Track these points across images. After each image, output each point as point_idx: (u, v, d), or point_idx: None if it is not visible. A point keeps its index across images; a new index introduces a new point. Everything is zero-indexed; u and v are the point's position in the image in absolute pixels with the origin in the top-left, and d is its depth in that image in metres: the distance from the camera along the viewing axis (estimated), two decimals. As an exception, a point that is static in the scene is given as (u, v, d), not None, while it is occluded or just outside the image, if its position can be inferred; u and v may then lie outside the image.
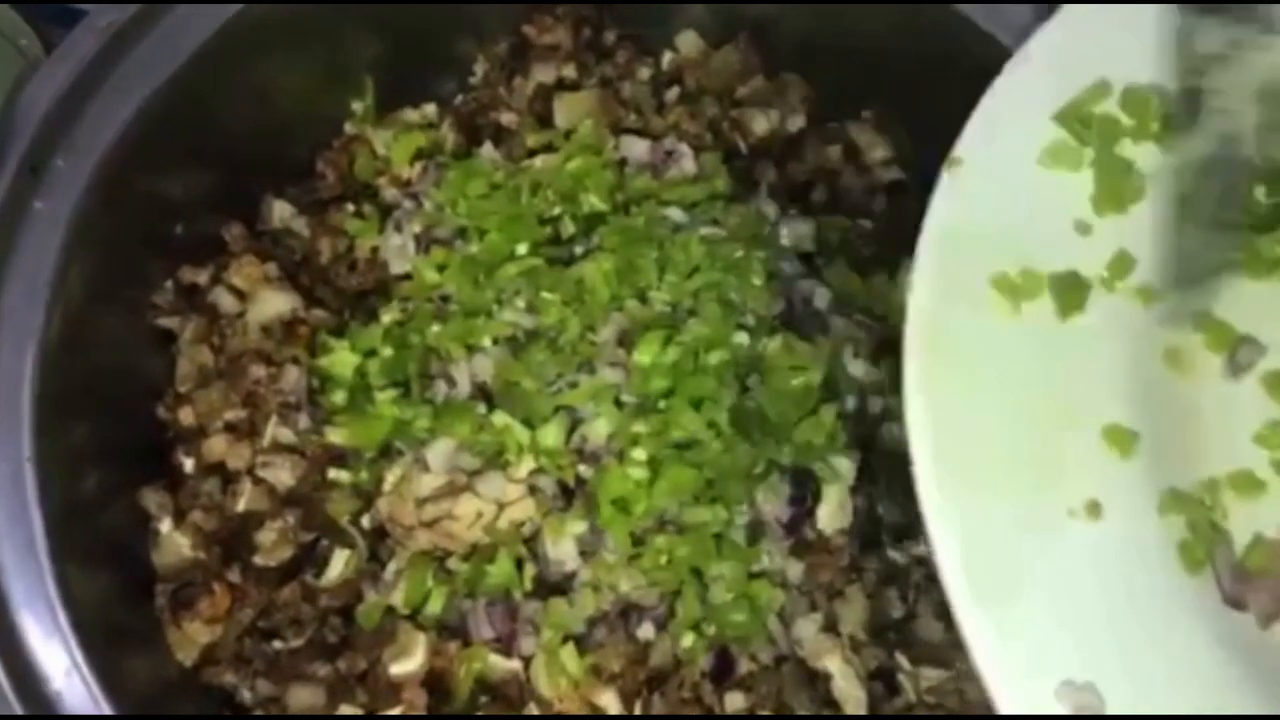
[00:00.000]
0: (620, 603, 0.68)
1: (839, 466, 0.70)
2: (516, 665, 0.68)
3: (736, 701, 0.67)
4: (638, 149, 0.80)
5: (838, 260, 0.78)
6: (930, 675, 0.69)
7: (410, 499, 0.69)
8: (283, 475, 0.72)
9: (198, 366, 0.76)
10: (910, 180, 0.85)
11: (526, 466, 0.68)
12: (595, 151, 0.79)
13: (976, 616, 0.50)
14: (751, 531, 0.68)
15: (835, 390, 0.72)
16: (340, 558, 0.71)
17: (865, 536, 0.72)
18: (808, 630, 0.69)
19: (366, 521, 0.72)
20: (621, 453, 0.67)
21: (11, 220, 0.66)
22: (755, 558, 0.68)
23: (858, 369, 0.74)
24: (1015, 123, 0.58)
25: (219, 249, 0.79)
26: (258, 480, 0.72)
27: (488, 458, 0.69)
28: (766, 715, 0.67)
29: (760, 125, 0.84)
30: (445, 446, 0.69)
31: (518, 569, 0.68)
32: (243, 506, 0.72)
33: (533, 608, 0.68)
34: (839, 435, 0.71)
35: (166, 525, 0.71)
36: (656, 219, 0.75)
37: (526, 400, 0.69)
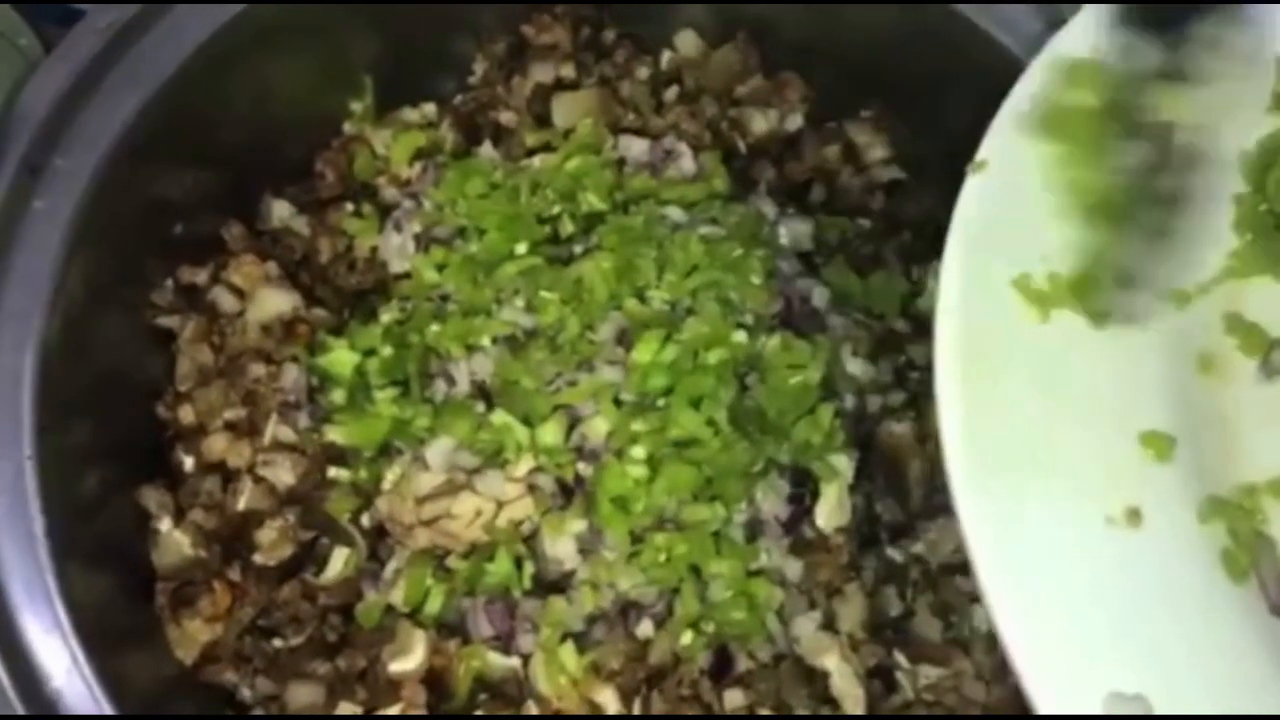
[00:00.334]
0: (619, 601, 0.68)
1: (837, 465, 0.70)
2: (516, 663, 0.68)
3: (735, 699, 0.67)
4: (636, 148, 0.80)
5: (836, 259, 0.78)
6: (928, 673, 0.69)
7: (410, 497, 0.69)
8: (282, 474, 0.72)
9: (198, 365, 0.76)
10: (909, 180, 0.85)
11: (526, 465, 0.69)
12: (594, 151, 0.79)
13: (1018, 625, 0.49)
14: (750, 530, 0.69)
15: (834, 389, 0.72)
16: (340, 556, 0.71)
17: (864, 535, 0.72)
18: (806, 628, 0.69)
19: (366, 520, 0.72)
20: (620, 451, 0.68)
21: (11, 220, 0.66)
22: (754, 556, 0.68)
23: (856, 368, 0.74)
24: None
25: (219, 248, 0.79)
26: (258, 479, 0.73)
27: (487, 456, 0.69)
28: (765, 715, 0.68)
29: (759, 125, 0.85)
30: (444, 445, 0.69)
31: (517, 567, 0.68)
32: (243, 505, 0.72)
33: (532, 606, 0.68)
34: (837, 434, 0.71)
35: (166, 524, 0.71)
36: (655, 218, 0.75)
37: (526, 399, 0.69)
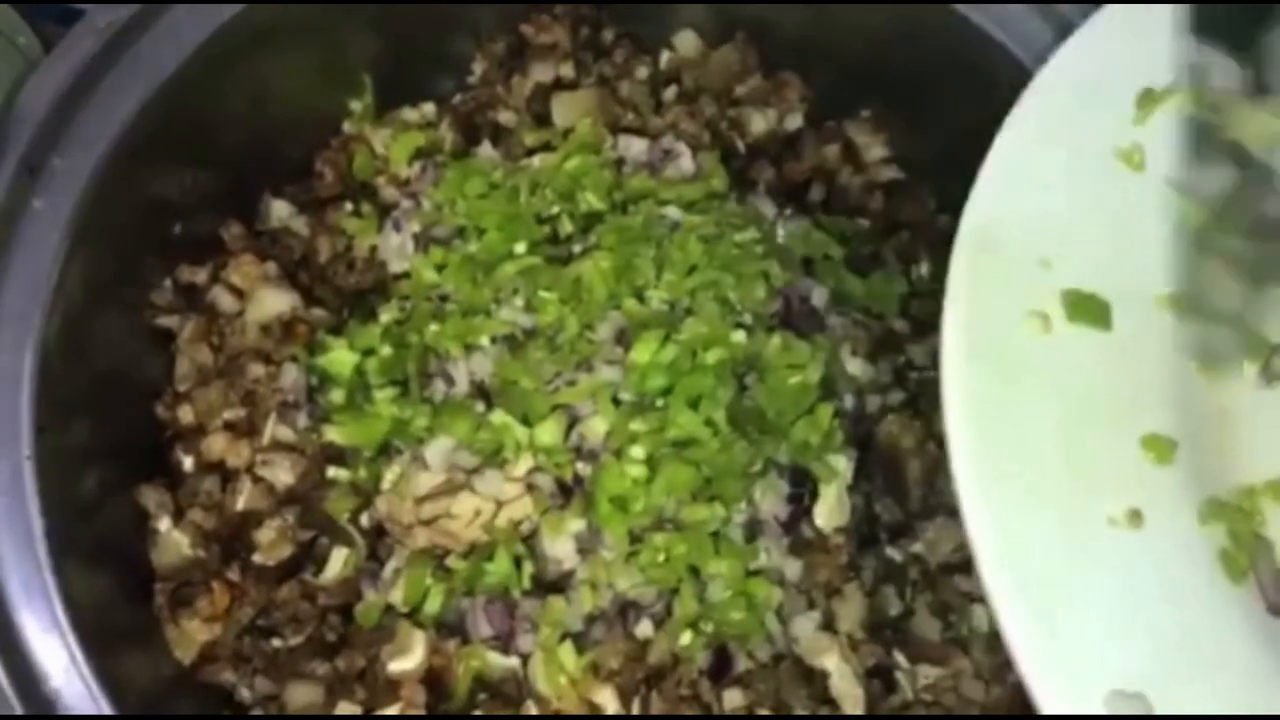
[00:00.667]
0: (618, 601, 0.68)
1: (836, 465, 0.70)
2: (515, 663, 0.68)
3: (734, 699, 0.68)
4: (636, 148, 0.80)
5: (835, 259, 0.78)
6: (928, 673, 0.69)
7: (409, 497, 0.69)
8: (282, 474, 0.72)
9: (197, 365, 0.76)
10: (908, 180, 0.85)
11: (525, 465, 0.69)
12: (593, 150, 0.79)
13: (1021, 624, 0.50)
14: (749, 529, 0.69)
15: (833, 389, 0.72)
16: (339, 556, 0.71)
17: (863, 535, 0.72)
18: (805, 628, 0.69)
19: (365, 520, 0.72)
20: (619, 451, 0.68)
21: (11, 220, 0.66)
22: (753, 556, 0.68)
23: (855, 367, 0.74)
24: (1049, 132, 0.58)
25: (218, 248, 0.79)
26: (257, 479, 0.73)
27: (486, 456, 0.69)
28: (764, 715, 0.68)
29: (758, 124, 0.85)
30: (444, 445, 0.69)
31: (516, 567, 0.68)
32: (242, 505, 0.72)
33: (531, 606, 0.68)
34: (836, 433, 0.71)
35: (165, 524, 0.71)
36: (654, 218, 0.75)
37: (525, 399, 0.69)
